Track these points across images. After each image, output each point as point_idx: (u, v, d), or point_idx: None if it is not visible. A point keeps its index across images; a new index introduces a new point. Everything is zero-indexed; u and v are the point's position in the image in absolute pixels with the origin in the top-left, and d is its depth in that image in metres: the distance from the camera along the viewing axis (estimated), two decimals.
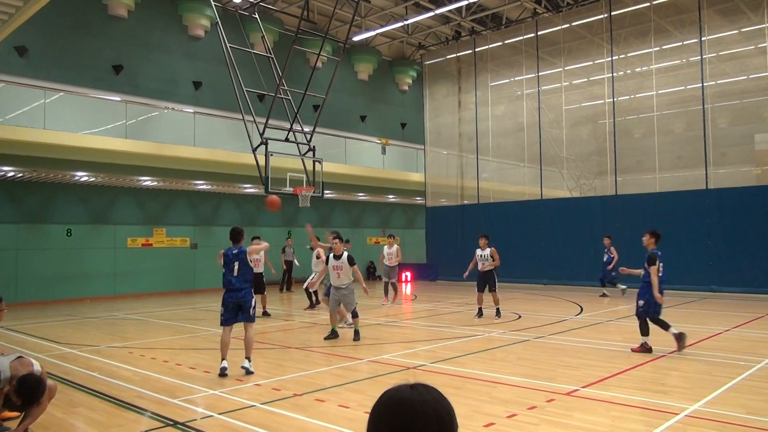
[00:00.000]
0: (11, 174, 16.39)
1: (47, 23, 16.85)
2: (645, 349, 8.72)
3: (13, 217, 17.30)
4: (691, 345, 9.08)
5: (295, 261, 20.30)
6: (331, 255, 10.28)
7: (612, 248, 16.22)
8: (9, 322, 12.43)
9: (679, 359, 8.18)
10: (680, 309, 14.16)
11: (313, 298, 14.75)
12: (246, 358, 7.70)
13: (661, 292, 8.76)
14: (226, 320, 7.83)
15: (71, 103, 17.10)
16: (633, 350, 8.79)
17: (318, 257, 13.09)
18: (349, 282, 10.20)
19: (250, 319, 7.87)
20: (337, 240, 10.32)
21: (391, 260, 15.84)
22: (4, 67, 16.12)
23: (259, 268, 13.19)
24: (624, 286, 15.94)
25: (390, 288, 15.98)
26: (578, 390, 6.51)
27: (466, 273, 13.02)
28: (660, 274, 8.92)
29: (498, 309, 12.64)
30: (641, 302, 8.93)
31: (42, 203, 17.86)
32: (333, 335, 10.33)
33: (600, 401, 6.05)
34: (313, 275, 13.95)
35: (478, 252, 12.71)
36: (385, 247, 16.06)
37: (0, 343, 8.53)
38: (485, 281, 12.54)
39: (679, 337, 8.49)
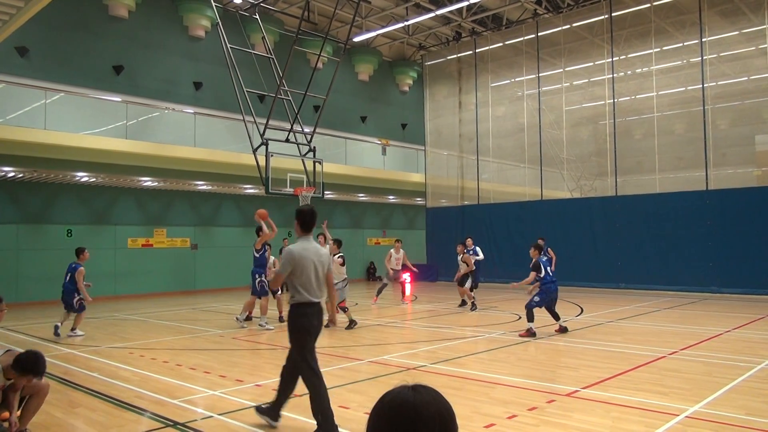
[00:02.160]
0: (12, 174, 16.40)
1: (48, 24, 16.85)
2: (531, 333, 10.13)
3: (14, 218, 17.30)
4: (691, 346, 9.08)
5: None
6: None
7: (549, 249, 16.16)
8: (9, 323, 12.43)
9: (679, 360, 8.18)
10: (680, 310, 14.16)
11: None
12: None
13: (554, 291, 10.60)
14: None
15: (72, 104, 17.11)
16: (521, 335, 10.16)
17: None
18: (340, 279, 11.33)
19: None
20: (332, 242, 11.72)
21: (399, 264, 16.19)
22: (5, 67, 16.12)
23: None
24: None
25: (398, 288, 17.16)
26: (578, 391, 6.51)
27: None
28: (550, 275, 10.61)
29: (463, 301, 14.93)
30: (536, 298, 10.41)
31: (42, 203, 17.86)
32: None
33: (600, 402, 6.04)
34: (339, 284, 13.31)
35: (459, 257, 14.84)
36: (392, 251, 16.19)
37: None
38: (465, 278, 14.65)
39: (533, 334, 10.11)
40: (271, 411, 5.49)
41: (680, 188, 18.20)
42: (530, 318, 10.23)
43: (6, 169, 15.80)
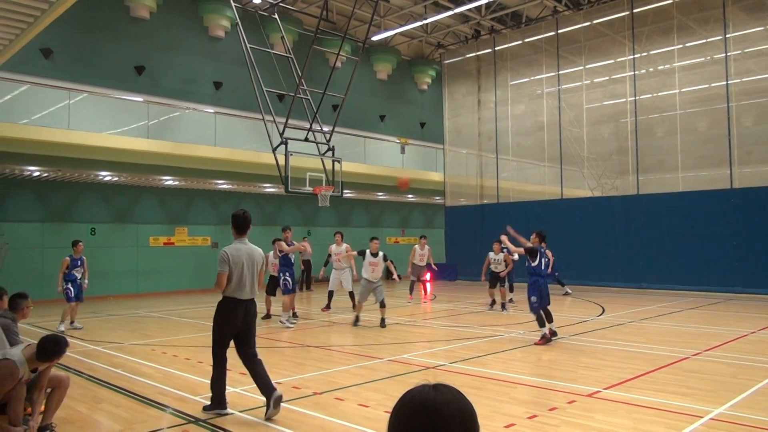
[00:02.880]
0: (37, 173, 16.70)
1: (71, 25, 17.11)
2: (547, 339, 9.43)
3: (39, 216, 17.63)
4: (714, 347, 8.95)
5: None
6: (368, 252, 11.89)
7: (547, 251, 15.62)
8: (35, 319, 12.66)
9: (703, 361, 8.06)
10: (703, 310, 13.95)
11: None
12: None
13: (544, 286, 9.71)
14: None
15: (95, 104, 17.36)
16: (537, 344, 9.35)
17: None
18: (380, 276, 11.75)
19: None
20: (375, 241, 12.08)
21: (422, 260, 16.12)
22: (30, 68, 16.41)
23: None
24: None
25: (418, 286, 16.98)
26: (600, 391, 6.45)
27: (483, 277, 14.54)
28: (543, 267, 9.87)
29: (503, 303, 14.00)
30: (533, 298, 9.63)
31: (66, 202, 18.17)
32: (357, 321, 11.86)
33: (622, 403, 5.98)
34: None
35: (492, 255, 14.13)
36: (417, 247, 16.16)
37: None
38: (497, 279, 14.09)
39: (549, 340, 9.47)
40: (267, 396, 5.69)
41: (704, 187, 17.92)
42: (541, 323, 9.57)
43: (31, 168, 16.08)
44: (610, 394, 6.36)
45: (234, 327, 5.87)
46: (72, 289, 11.71)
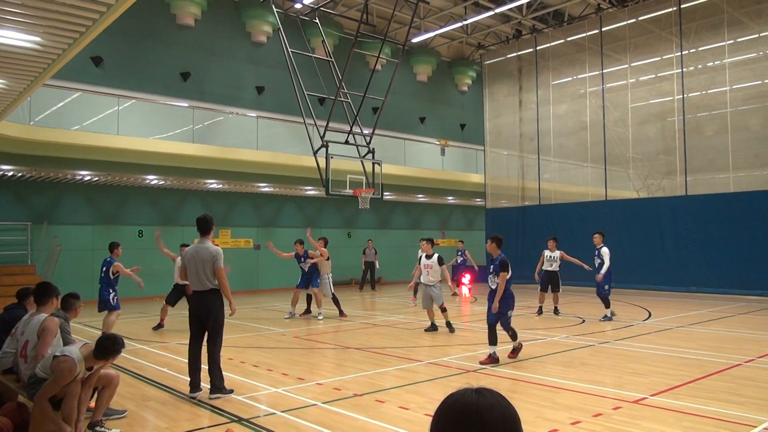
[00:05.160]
0: (87, 178, 17.29)
1: (120, 34, 17.67)
2: (493, 359, 8.24)
3: (89, 219, 18.25)
4: None
5: (377, 263, 20.96)
6: (423, 255, 11.40)
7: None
8: (85, 319, 13.10)
9: (756, 369, 7.75)
10: (757, 315, 13.43)
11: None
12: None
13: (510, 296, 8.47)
14: None
15: (142, 110, 17.90)
16: (482, 362, 8.18)
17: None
18: (437, 280, 11.24)
19: None
20: (424, 242, 11.53)
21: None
22: (82, 76, 17.02)
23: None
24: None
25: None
26: (646, 398, 6.27)
27: (536, 276, 13.71)
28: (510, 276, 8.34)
29: (556, 308, 13.54)
30: (509, 312, 8.52)
31: (115, 205, 18.76)
32: (432, 328, 11.36)
33: (670, 411, 5.80)
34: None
35: (547, 253, 13.58)
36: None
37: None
38: (549, 281, 13.48)
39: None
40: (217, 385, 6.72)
41: (757, 187, 17.25)
42: (514, 337, 8.60)
43: (83, 172, 16.66)
44: (657, 401, 6.17)
45: (193, 312, 6.88)
46: (117, 296, 10.99)
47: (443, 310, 11.17)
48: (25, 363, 5.39)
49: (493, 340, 8.32)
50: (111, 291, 10.76)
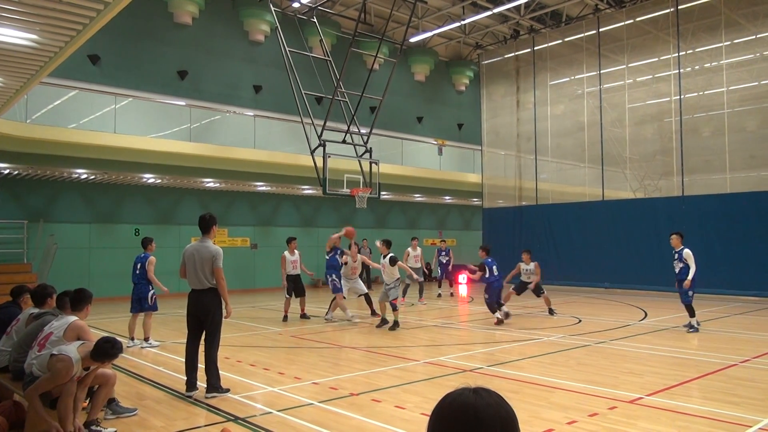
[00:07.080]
0: (84, 176, 17.25)
1: (118, 32, 17.63)
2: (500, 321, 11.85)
3: (86, 217, 18.22)
4: (764, 354, 8.63)
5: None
6: (382, 256, 12.22)
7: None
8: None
9: (752, 369, 7.78)
10: (752, 316, 13.48)
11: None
12: None
13: (495, 288, 12.20)
14: None
15: (139, 108, 17.86)
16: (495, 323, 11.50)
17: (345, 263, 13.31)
18: (393, 279, 11.90)
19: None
20: (379, 243, 12.47)
21: (417, 261, 16.31)
22: (79, 74, 16.98)
23: (295, 270, 13.28)
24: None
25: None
26: (642, 398, 6.29)
27: (508, 278, 13.39)
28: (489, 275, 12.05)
29: (551, 309, 13.43)
30: (487, 296, 12.19)
31: (112, 204, 18.72)
32: (383, 323, 11.85)
33: (665, 410, 5.82)
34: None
35: (522, 265, 13.55)
36: (410, 249, 16.28)
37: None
38: (525, 288, 13.49)
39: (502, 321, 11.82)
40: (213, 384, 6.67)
41: (753, 188, 17.29)
42: (493, 310, 12.18)
43: (79, 171, 16.63)
44: (653, 400, 6.19)
45: (191, 311, 6.81)
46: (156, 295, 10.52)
47: (394, 308, 11.62)
48: (38, 351, 5.24)
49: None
50: (150, 288, 10.33)
